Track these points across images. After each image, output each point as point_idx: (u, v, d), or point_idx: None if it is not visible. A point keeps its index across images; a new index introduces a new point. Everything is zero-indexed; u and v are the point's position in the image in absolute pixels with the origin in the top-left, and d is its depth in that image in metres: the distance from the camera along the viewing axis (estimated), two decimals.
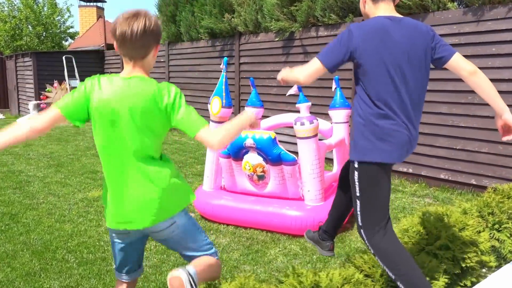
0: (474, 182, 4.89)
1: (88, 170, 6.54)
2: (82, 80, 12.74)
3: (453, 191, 5.06)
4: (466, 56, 4.79)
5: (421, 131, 5.28)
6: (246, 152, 4.07)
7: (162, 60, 10.41)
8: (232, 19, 7.79)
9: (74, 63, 12.77)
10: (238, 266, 3.35)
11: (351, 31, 2.12)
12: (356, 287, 2.22)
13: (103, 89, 1.89)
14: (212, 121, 4.32)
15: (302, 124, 3.86)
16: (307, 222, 3.78)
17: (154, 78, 8.39)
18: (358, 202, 2.22)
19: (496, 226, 3.19)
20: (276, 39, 7.03)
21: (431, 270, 2.50)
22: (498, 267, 2.96)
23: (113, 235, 2.07)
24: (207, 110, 8.95)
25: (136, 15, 1.82)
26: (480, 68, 4.67)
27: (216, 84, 8.67)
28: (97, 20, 16.69)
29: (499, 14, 4.52)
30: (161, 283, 3.11)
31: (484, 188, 4.81)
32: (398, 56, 2.11)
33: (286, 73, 2.26)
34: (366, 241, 2.21)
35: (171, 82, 9.94)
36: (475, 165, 4.86)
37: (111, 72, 12.95)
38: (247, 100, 7.66)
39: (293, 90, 3.72)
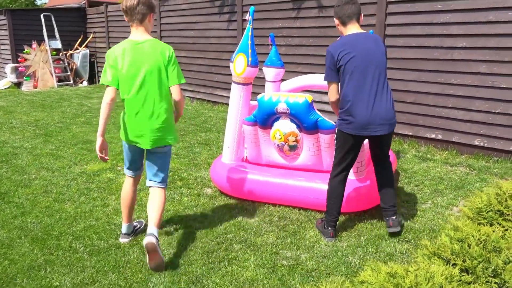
0: None
1: (81, 140, 5.92)
2: (63, 40, 11.85)
3: (489, 159, 4.66)
4: (511, 8, 4.31)
5: (454, 93, 4.81)
6: (277, 119, 3.53)
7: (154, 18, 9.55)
8: None
9: (54, 22, 11.75)
10: (277, 252, 2.89)
11: (329, 52, 2.88)
12: None
13: (126, 56, 2.68)
14: (235, 82, 3.74)
15: None
16: (350, 197, 3.32)
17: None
18: None
19: None
20: None
21: None
22: None
23: (126, 144, 2.90)
24: (205, 72, 8.35)
25: None
26: None
27: (216, 43, 7.98)
28: None
29: None
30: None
31: None
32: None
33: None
34: None
35: (164, 42, 9.22)
36: None
37: (95, 31, 12.08)
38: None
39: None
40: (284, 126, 3.52)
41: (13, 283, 2.58)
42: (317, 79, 4.26)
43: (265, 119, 3.55)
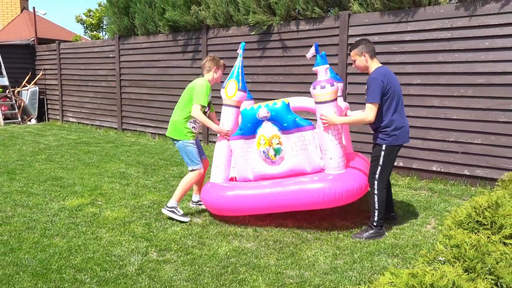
0: (467, 173, 5.06)
1: (50, 176, 5.76)
2: (10, 77, 11.44)
3: (446, 183, 5.20)
4: (458, 51, 4.98)
5: (413, 124, 5.37)
6: (259, 126, 3.92)
7: (111, 56, 9.61)
8: (200, 11, 7.37)
9: (0, 59, 11.37)
10: (281, 271, 3.07)
11: (378, 79, 3.50)
12: None
13: None
14: (226, 105, 4.08)
15: (323, 87, 3.64)
16: (335, 192, 3.61)
17: (102, 75, 8.00)
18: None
19: None
20: (252, 33, 6.77)
21: (509, 261, 2.45)
22: None
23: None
24: (168, 108, 8.47)
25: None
26: (473, 62, 4.86)
27: (180, 80, 8.20)
28: (21, 12, 15.06)
29: (492, 9, 4.72)
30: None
31: (477, 178, 5.00)
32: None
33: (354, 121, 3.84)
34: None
35: (123, 79, 9.32)
36: (468, 156, 5.03)
37: (45, 69, 11.81)
38: (215, 97, 7.35)
39: (311, 53, 3.78)
40: (267, 130, 3.89)
41: None
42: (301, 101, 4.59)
43: (250, 127, 3.93)
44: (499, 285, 2.21)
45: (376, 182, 3.66)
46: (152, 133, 8.97)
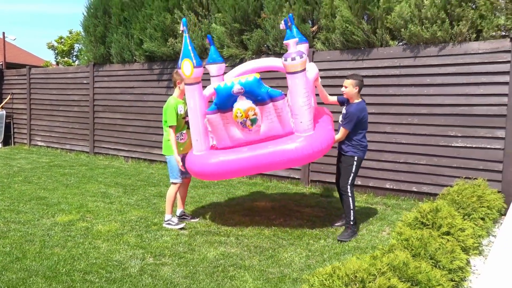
0: (415, 189, 5.86)
1: (33, 196, 6.03)
2: None
3: (398, 198, 5.98)
4: (405, 85, 5.86)
5: (369, 148, 6.13)
6: (235, 100, 4.22)
7: (85, 82, 9.96)
8: (176, 43, 7.98)
9: None
10: (264, 269, 3.62)
11: (356, 114, 4.40)
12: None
13: None
14: (188, 84, 4.28)
15: (293, 59, 4.01)
16: (307, 151, 4.17)
17: (75, 100, 8.39)
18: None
19: (465, 216, 4.03)
20: (226, 65, 7.43)
21: (445, 249, 3.14)
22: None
23: None
24: (142, 132, 8.90)
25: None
26: (417, 95, 5.73)
27: (155, 106, 8.68)
28: None
29: (432, 52, 5.64)
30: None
31: (423, 194, 5.80)
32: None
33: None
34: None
35: (97, 105, 9.67)
36: (415, 175, 5.84)
37: (13, 93, 11.91)
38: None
39: (281, 26, 4.31)
40: (243, 104, 4.22)
41: None
42: (252, 64, 5.08)
43: (225, 103, 4.23)
44: (437, 266, 2.88)
45: (349, 187, 4.48)
46: (125, 156, 9.32)
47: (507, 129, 5.19)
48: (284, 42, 4.21)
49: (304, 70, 4.14)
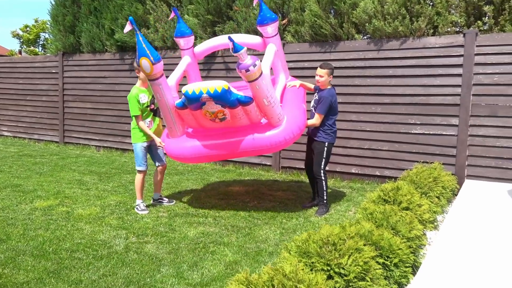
0: (378, 174, 6.30)
1: (7, 184, 6.06)
2: None
3: (362, 182, 6.41)
4: (369, 77, 6.26)
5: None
6: (203, 104, 4.28)
7: (54, 71, 9.87)
8: (149, 34, 8.08)
9: None
10: (242, 245, 3.91)
11: (329, 98, 4.73)
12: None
13: None
14: (151, 79, 4.27)
15: (248, 70, 4.09)
16: (278, 140, 4.46)
17: (44, 90, 8.41)
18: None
19: (423, 195, 4.46)
20: None
21: (404, 221, 3.53)
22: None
23: None
24: (114, 122, 8.96)
25: None
26: (380, 86, 6.14)
27: (125, 95, 8.74)
28: None
29: (394, 46, 6.06)
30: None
31: (385, 177, 6.24)
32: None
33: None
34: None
35: (66, 94, 9.64)
36: (379, 160, 6.28)
37: None
38: None
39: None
40: (212, 107, 4.31)
41: (43, 283, 3.10)
42: (223, 39, 5.30)
43: (194, 105, 4.33)
44: (397, 235, 3.25)
45: (322, 171, 4.88)
46: (97, 145, 9.35)
47: (460, 117, 5.69)
48: (235, 54, 4.10)
49: (261, 74, 4.20)
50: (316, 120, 4.79)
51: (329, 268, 2.30)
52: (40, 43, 21.54)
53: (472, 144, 5.67)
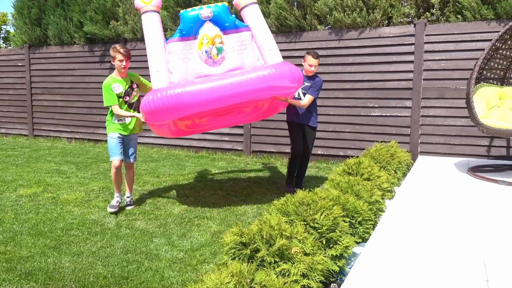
0: (342, 154, 6.87)
1: None
2: None
3: (328, 162, 6.96)
4: (331, 64, 6.78)
5: None
6: (201, 26, 4.02)
7: (20, 64, 9.83)
8: (118, 26, 8.25)
9: None
10: (225, 219, 4.32)
11: (321, 83, 5.03)
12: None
13: None
14: (148, 11, 4.08)
15: None
16: (280, 76, 3.94)
17: (10, 83, 8.42)
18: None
19: (382, 168, 5.03)
20: None
21: (366, 189, 4.06)
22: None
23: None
24: (85, 113, 9.09)
25: None
26: (342, 72, 6.67)
27: (97, 88, 8.91)
28: None
29: (353, 35, 6.60)
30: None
31: (348, 157, 6.81)
32: None
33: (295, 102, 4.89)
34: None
35: (34, 87, 9.66)
36: (342, 142, 6.84)
37: None
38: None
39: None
40: (210, 30, 4.02)
41: (47, 255, 3.40)
42: None
43: (192, 27, 3.97)
44: (360, 199, 3.76)
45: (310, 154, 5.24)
46: (68, 137, 9.45)
47: (413, 100, 6.31)
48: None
49: (255, 2, 4.20)
50: (308, 100, 4.83)
51: (305, 223, 2.76)
52: (1, 36, 20.83)
53: (424, 123, 6.32)
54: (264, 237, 2.36)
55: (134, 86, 4.57)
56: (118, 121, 4.50)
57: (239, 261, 2.25)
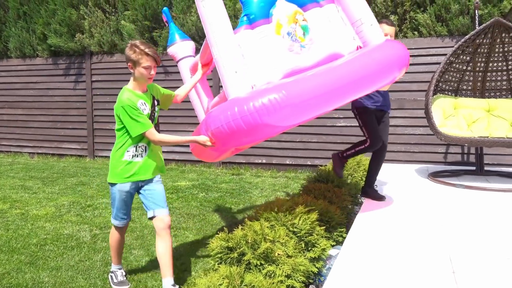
0: (309, 163, 7.10)
1: None
2: None
3: (296, 171, 7.17)
4: None
5: None
6: (273, 6, 2.97)
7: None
8: (84, 39, 8.19)
9: None
10: (201, 228, 4.40)
11: None
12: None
13: None
14: None
15: None
16: (401, 53, 3.12)
17: None
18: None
19: (349, 176, 5.28)
20: None
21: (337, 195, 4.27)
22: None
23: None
24: (49, 127, 8.89)
25: None
26: None
27: (61, 101, 8.75)
28: None
29: None
30: None
31: (316, 166, 7.05)
32: None
33: None
34: None
35: None
36: (309, 151, 7.08)
37: None
38: (100, 115, 8.23)
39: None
40: (286, 8, 2.96)
41: (24, 272, 3.35)
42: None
43: (262, 7, 2.91)
44: (332, 204, 3.95)
45: None
46: (30, 152, 9.19)
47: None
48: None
49: None
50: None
51: (285, 227, 2.91)
52: None
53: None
54: (249, 241, 2.48)
55: (155, 103, 2.98)
56: (135, 157, 2.83)
57: (226, 264, 2.36)
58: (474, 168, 5.66)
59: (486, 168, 5.81)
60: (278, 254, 2.48)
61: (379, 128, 4.19)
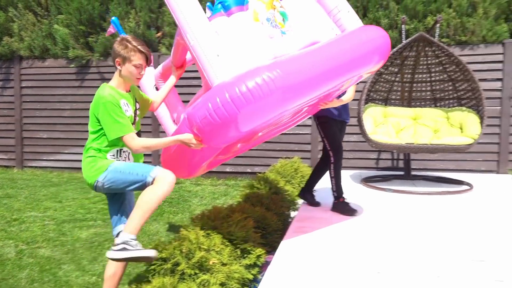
0: (249, 170, 7.16)
1: None
2: None
3: (236, 179, 7.20)
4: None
5: None
6: None
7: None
8: (13, 43, 7.72)
9: None
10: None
11: None
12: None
13: None
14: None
15: None
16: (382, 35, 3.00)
17: None
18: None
19: (287, 182, 5.38)
20: (72, 65, 7.59)
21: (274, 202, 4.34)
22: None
23: None
24: None
25: None
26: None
27: None
28: None
29: None
30: None
31: (255, 173, 7.12)
32: None
33: None
34: None
35: None
36: (249, 159, 7.14)
37: None
38: (30, 123, 7.81)
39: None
40: None
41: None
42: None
43: None
44: (269, 210, 4.01)
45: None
46: None
47: (313, 118, 6.86)
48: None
49: None
50: (354, 90, 3.88)
51: (221, 235, 2.91)
52: None
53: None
54: (184, 251, 2.46)
55: (137, 106, 2.66)
56: (117, 158, 2.48)
57: (160, 276, 2.32)
58: (403, 173, 5.99)
59: (413, 172, 6.17)
60: (213, 262, 2.48)
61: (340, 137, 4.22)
